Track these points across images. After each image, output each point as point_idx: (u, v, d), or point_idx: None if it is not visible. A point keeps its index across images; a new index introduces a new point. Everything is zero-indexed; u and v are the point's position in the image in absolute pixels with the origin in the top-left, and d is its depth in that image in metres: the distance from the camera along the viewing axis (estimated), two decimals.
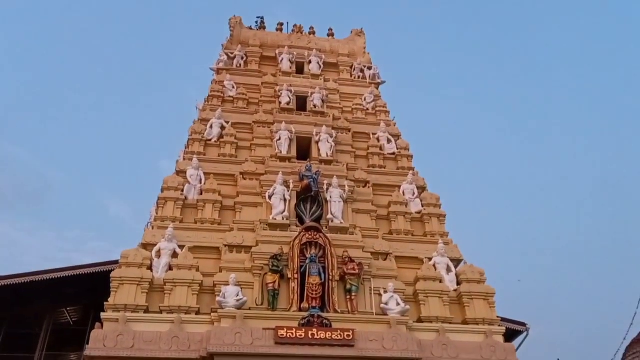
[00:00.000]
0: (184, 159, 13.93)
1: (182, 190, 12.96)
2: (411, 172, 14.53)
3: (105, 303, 10.63)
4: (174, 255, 11.55)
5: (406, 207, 13.61)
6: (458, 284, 12.19)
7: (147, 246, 11.69)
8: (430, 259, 12.47)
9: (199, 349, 10.09)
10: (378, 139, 15.37)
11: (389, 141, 15.37)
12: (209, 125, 14.71)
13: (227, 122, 14.87)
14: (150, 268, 11.28)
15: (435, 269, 12.32)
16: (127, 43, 71.11)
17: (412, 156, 15.18)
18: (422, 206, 13.77)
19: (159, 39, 74.56)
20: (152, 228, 12.38)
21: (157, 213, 12.73)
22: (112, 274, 10.99)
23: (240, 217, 12.69)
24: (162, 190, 12.93)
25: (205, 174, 13.42)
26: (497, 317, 11.70)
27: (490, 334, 11.25)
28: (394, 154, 15.13)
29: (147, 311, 10.68)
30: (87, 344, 10.04)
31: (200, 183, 13.24)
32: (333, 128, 14.98)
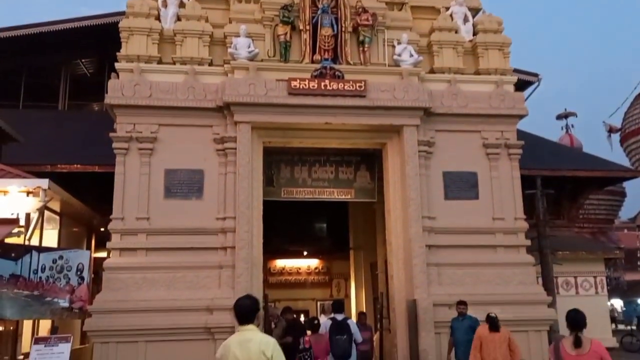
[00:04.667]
0: None
1: None
2: None
3: (117, 54, 10.63)
4: (181, 5, 11.14)
5: None
6: (474, 34, 11.86)
7: None
8: (447, 9, 11.91)
9: (215, 98, 10.37)
10: None
11: None
12: None
13: None
14: (158, 19, 10.99)
15: (452, 18, 11.86)
16: None
17: None
18: None
19: None
20: None
21: None
22: (120, 24, 10.76)
23: None
24: None
25: None
26: (510, 67, 11.63)
27: (501, 83, 11.32)
28: None
29: (160, 62, 10.72)
30: (107, 93, 10.32)
31: None
32: None
